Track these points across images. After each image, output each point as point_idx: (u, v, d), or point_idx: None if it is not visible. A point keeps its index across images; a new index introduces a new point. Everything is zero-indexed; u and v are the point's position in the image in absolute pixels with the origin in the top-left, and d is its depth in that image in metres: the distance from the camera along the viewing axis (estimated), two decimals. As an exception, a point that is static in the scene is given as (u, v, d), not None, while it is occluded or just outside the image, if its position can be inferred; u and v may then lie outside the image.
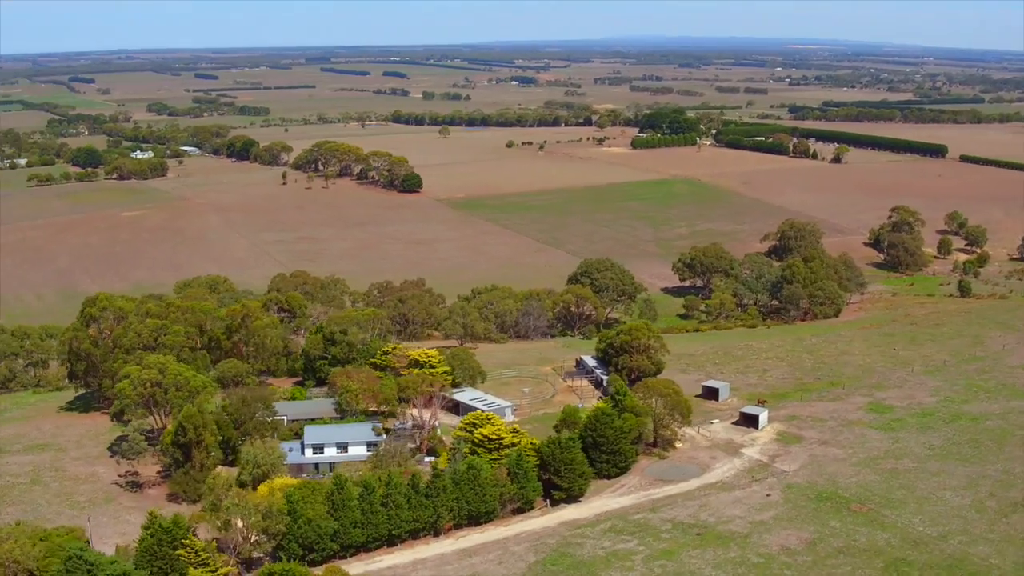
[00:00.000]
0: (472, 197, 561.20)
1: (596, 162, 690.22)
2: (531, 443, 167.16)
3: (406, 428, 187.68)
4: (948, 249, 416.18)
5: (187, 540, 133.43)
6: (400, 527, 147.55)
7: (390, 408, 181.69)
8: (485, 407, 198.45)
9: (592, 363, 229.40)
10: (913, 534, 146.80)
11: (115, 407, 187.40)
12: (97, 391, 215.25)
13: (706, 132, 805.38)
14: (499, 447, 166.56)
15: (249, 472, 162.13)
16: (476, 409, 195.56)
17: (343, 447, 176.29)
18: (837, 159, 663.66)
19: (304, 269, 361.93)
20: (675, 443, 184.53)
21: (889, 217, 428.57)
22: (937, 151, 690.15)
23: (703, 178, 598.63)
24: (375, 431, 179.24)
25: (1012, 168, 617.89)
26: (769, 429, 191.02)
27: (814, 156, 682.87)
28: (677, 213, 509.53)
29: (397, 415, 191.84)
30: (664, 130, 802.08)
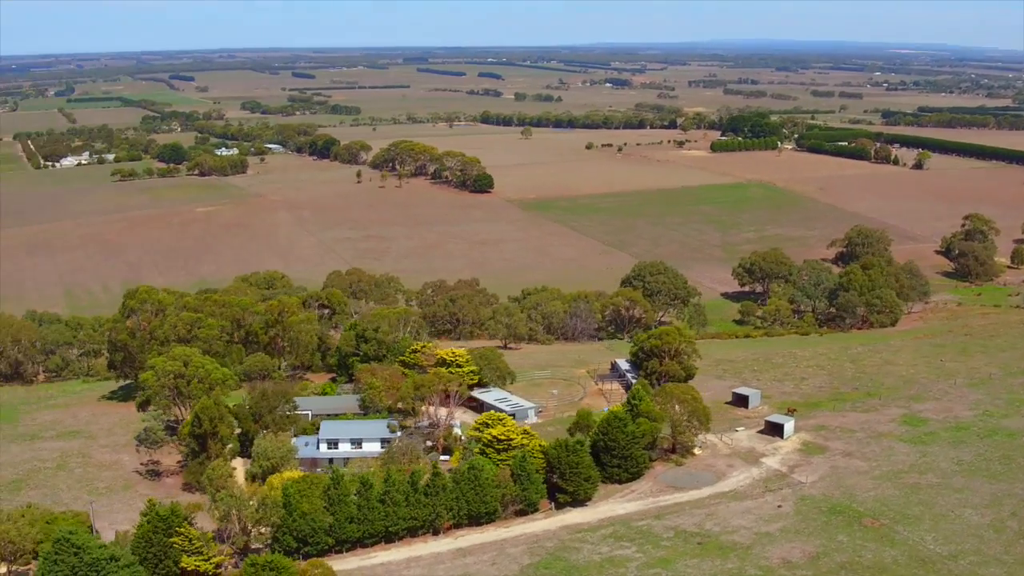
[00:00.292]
0: (543, 198, 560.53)
1: (673, 165, 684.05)
2: (539, 445, 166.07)
3: (424, 426, 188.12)
4: (1023, 259, 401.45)
5: (182, 528, 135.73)
6: (397, 524, 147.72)
7: (406, 405, 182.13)
8: (508, 408, 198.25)
9: (625, 366, 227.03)
10: (923, 552, 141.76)
11: (140, 397, 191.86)
12: (135, 381, 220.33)
13: (788, 136, 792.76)
14: (508, 448, 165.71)
15: (259, 465, 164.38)
16: (499, 409, 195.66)
17: (357, 443, 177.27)
18: (919, 165, 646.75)
19: (367, 267, 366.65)
20: (694, 450, 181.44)
21: (962, 225, 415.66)
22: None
23: (779, 182, 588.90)
24: (390, 428, 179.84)
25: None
26: (794, 439, 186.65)
27: (895, 162, 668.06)
28: (748, 217, 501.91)
29: (419, 413, 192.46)
30: (746, 134, 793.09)
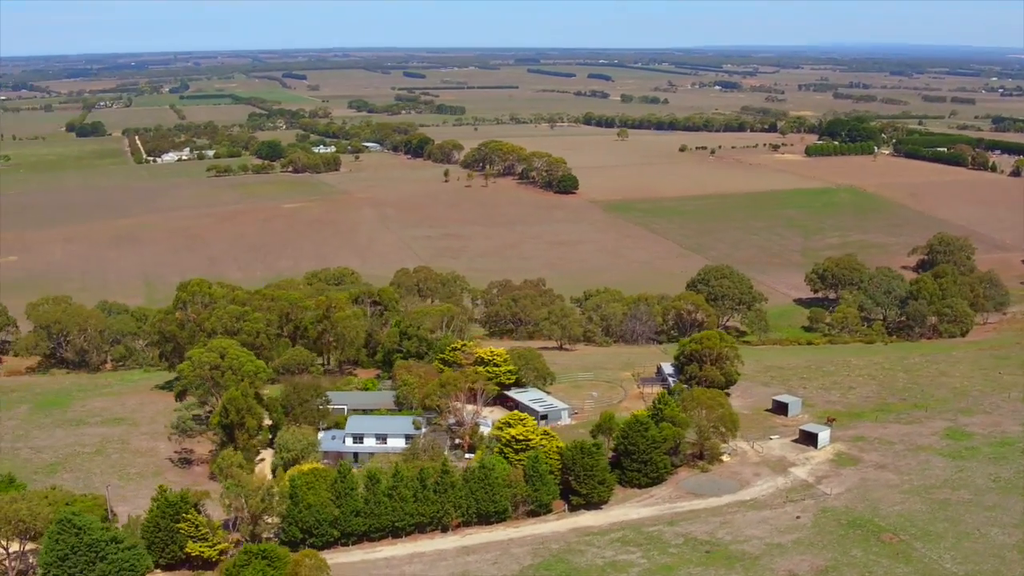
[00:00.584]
0: (626, 200, 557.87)
1: (763, 168, 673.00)
2: (557, 446, 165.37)
3: (452, 424, 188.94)
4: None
5: (188, 515, 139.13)
6: (404, 520, 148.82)
7: (431, 403, 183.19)
8: (542, 408, 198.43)
9: (669, 370, 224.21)
10: (937, 571, 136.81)
11: (177, 387, 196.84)
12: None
13: (886, 141, 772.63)
14: (526, 448, 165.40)
15: (281, 456, 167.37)
16: (532, 410, 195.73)
17: (382, 438, 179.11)
18: (1016, 172, 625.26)
19: (443, 265, 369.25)
20: (722, 457, 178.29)
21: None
22: None
23: (869, 188, 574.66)
24: (415, 424, 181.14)
25: None
26: (829, 449, 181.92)
27: (992, 168, 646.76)
28: (832, 223, 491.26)
29: (451, 411, 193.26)
30: (843, 138, 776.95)
